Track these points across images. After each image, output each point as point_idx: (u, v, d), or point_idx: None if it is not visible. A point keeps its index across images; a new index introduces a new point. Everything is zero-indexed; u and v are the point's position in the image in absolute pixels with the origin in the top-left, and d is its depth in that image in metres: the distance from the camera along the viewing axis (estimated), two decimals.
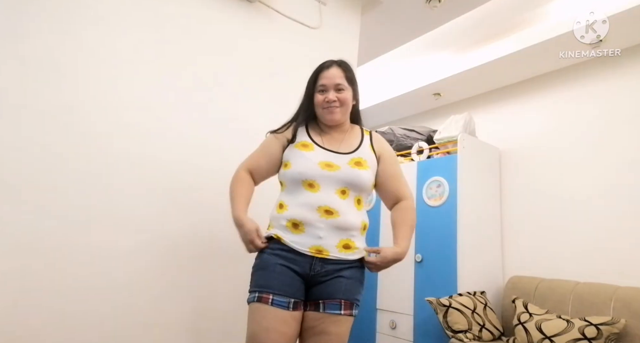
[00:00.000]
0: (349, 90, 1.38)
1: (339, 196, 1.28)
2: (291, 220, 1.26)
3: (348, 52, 2.35)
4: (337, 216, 1.25)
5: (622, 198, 2.54)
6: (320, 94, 1.37)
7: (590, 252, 2.59)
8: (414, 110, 4.10)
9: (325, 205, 1.26)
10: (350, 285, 1.26)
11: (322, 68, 1.39)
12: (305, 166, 1.30)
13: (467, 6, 2.57)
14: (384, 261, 1.30)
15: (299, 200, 1.28)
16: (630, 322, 2.07)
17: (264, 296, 1.20)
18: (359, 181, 1.31)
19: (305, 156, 1.32)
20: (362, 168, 1.33)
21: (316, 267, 1.24)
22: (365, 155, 1.38)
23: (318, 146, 1.36)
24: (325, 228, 1.25)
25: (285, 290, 1.21)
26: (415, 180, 3.07)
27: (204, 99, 1.79)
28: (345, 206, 1.28)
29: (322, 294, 1.24)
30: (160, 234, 1.60)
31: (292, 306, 1.20)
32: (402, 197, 1.43)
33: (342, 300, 1.24)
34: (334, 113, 1.36)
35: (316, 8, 2.19)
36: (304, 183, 1.28)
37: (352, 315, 1.26)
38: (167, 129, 1.67)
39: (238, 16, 1.94)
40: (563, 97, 2.99)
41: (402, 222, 1.39)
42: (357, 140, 1.41)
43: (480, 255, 2.84)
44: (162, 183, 1.62)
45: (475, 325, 2.36)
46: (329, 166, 1.30)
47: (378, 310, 3.08)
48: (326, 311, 1.23)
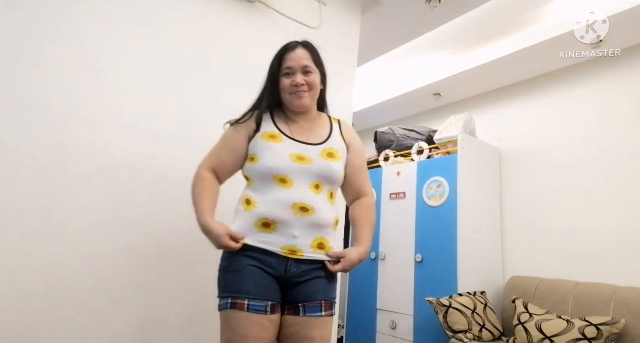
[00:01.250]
0: (316, 73, 1.28)
1: (313, 191, 1.19)
2: (262, 219, 1.16)
3: (348, 52, 2.36)
4: (313, 213, 1.17)
5: (622, 198, 2.54)
6: (286, 77, 1.26)
7: (590, 252, 2.59)
8: (414, 110, 4.10)
9: (301, 202, 1.16)
10: (327, 284, 1.20)
11: (287, 49, 1.28)
12: (275, 160, 1.19)
13: (467, 6, 2.56)
14: (351, 265, 1.22)
15: (270, 197, 1.17)
16: (630, 322, 2.07)
17: (239, 302, 1.10)
18: (332, 173, 1.23)
19: (273, 148, 1.21)
20: (334, 160, 1.24)
21: (291, 268, 1.16)
22: (336, 145, 1.29)
23: (287, 136, 1.25)
24: (300, 227, 1.16)
25: (261, 293, 1.12)
26: (415, 180, 3.07)
27: (203, 99, 1.79)
28: (320, 202, 1.20)
29: (301, 296, 1.16)
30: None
31: (269, 309, 1.12)
32: (364, 193, 1.34)
33: (322, 301, 1.17)
34: (302, 98, 1.25)
35: (316, 8, 2.19)
36: (275, 179, 1.18)
37: (332, 315, 1.20)
38: (166, 129, 1.67)
39: (238, 16, 1.94)
40: (563, 97, 2.99)
41: (364, 221, 1.31)
42: (327, 129, 1.32)
43: (480, 255, 2.84)
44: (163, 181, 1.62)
45: (475, 325, 2.36)
46: (301, 159, 1.20)
47: (378, 310, 3.08)
48: (307, 314, 1.15)
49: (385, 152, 3.48)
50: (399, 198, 3.16)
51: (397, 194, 3.19)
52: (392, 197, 3.22)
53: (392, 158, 3.40)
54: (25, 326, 1.29)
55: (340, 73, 2.28)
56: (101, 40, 1.55)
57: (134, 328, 1.50)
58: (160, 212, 1.59)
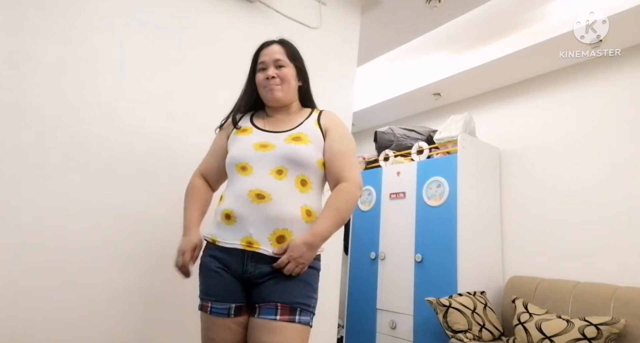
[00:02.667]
0: (290, 67, 1.27)
1: (274, 177, 1.13)
2: (224, 211, 1.13)
3: (348, 52, 2.36)
4: (269, 201, 1.08)
5: (622, 198, 2.54)
6: (260, 72, 1.27)
7: (590, 252, 2.59)
8: (414, 110, 4.10)
9: (257, 188, 1.10)
10: (290, 286, 1.07)
11: (262, 46, 1.31)
12: (239, 149, 1.19)
13: (467, 6, 2.56)
14: (299, 252, 1.05)
15: (233, 188, 1.16)
16: (630, 322, 2.07)
17: (205, 305, 1.13)
18: (297, 156, 1.15)
19: (241, 140, 1.22)
20: (300, 143, 1.18)
21: (249, 268, 1.08)
22: (307, 130, 1.22)
23: (257, 128, 1.25)
24: (256, 216, 1.08)
25: (222, 295, 1.09)
26: (415, 180, 3.07)
27: (203, 100, 1.79)
28: (282, 188, 1.11)
29: (258, 297, 1.08)
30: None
31: (233, 312, 1.09)
32: (343, 178, 1.17)
33: (278, 304, 1.04)
34: (274, 91, 1.24)
35: (316, 8, 2.19)
36: (237, 167, 1.17)
37: (295, 322, 1.04)
38: (166, 131, 1.67)
39: (238, 16, 1.94)
40: (563, 97, 2.99)
41: (328, 205, 1.15)
42: (302, 118, 1.28)
43: (480, 255, 2.84)
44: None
45: (475, 325, 2.36)
46: (264, 147, 1.18)
47: (378, 310, 3.08)
48: (260, 316, 1.05)
49: (385, 152, 3.48)
50: (399, 198, 3.16)
51: (397, 194, 3.19)
52: (392, 197, 3.22)
53: (392, 158, 3.40)
54: (25, 326, 1.29)
55: (340, 73, 2.28)
56: (101, 41, 1.55)
57: (134, 328, 1.50)
58: (160, 211, 1.59)
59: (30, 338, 1.30)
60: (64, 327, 1.35)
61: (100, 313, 1.43)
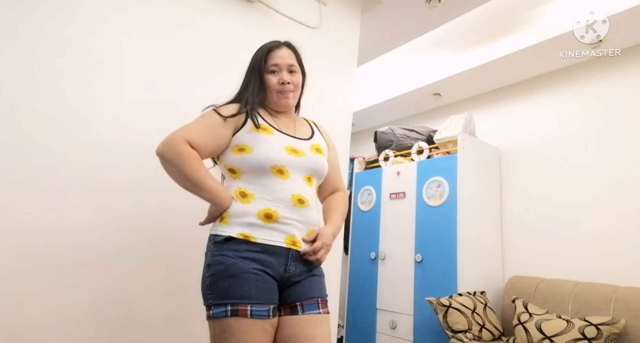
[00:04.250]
0: (299, 73, 1.30)
1: (306, 183, 1.22)
2: (264, 211, 1.13)
3: (348, 52, 2.36)
4: (307, 206, 1.19)
5: (622, 198, 2.54)
6: (272, 75, 1.25)
7: (590, 252, 2.60)
8: (414, 110, 4.10)
9: (298, 194, 1.17)
10: (321, 282, 1.22)
11: (272, 47, 1.27)
12: (271, 151, 1.16)
13: (467, 6, 2.56)
14: (329, 238, 1.20)
15: (269, 188, 1.15)
16: (630, 322, 2.07)
17: (241, 309, 1.04)
18: (322, 168, 1.27)
19: (266, 140, 1.17)
20: (322, 155, 1.28)
21: (291, 268, 1.14)
22: (321, 143, 1.32)
23: (275, 129, 1.22)
24: (299, 218, 1.17)
25: (264, 297, 1.08)
26: (415, 180, 3.07)
27: (203, 99, 1.78)
28: (312, 195, 1.23)
29: (299, 295, 1.15)
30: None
31: (271, 313, 1.08)
32: (339, 189, 1.40)
33: (319, 299, 1.18)
34: (289, 98, 1.26)
35: (316, 8, 2.19)
36: (273, 169, 1.15)
37: (329, 313, 1.21)
38: (166, 130, 1.66)
39: (238, 16, 1.94)
40: (563, 97, 2.99)
41: (337, 207, 1.33)
42: (307, 127, 1.35)
43: (480, 255, 2.84)
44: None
45: (475, 325, 2.36)
46: (295, 152, 1.20)
47: (378, 310, 3.08)
48: (306, 312, 1.14)
49: (385, 152, 3.48)
50: (399, 198, 3.16)
51: (397, 194, 3.19)
52: (392, 197, 3.22)
53: (392, 158, 3.40)
54: (25, 326, 1.29)
55: (341, 73, 2.28)
56: (101, 41, 1.55)
57: (134, 328, 1.50)
58: (162, 211, 1.59)
59: (31, 339, 1.30)
60: (63, 327, 1.35)
61: (99, 315, 1.43)
